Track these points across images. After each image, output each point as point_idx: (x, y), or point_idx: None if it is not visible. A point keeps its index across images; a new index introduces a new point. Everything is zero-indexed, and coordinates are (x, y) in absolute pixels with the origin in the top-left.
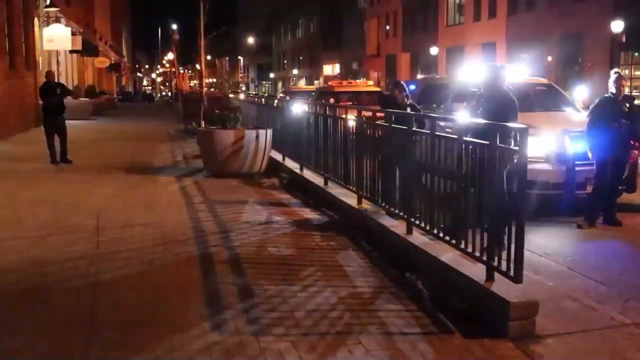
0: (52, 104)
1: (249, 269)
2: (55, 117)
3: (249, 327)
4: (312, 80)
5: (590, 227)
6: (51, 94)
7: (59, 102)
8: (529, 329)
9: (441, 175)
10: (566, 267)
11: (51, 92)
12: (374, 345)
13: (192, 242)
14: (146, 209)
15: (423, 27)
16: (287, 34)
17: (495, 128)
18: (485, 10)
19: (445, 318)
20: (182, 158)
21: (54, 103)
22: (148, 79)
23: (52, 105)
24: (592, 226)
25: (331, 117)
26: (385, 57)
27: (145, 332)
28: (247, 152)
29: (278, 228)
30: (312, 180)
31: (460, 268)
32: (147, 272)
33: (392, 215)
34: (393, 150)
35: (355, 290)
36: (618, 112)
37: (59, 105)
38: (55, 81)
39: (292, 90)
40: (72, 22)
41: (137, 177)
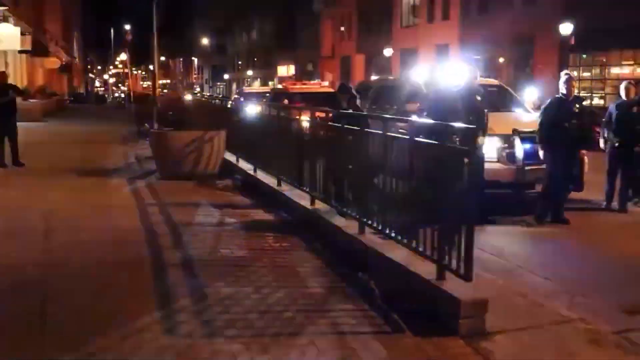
0: (3, 105)
1: (202, 271)
2: (5, 119)
3: (201, 330)
4: (266, 82)
5: (539, 225)
6: (2, 95)
7: (10, 103)
8: (479, 326)
9: (393, 175)
10: (515, 264)
11: (2, 94)
12: (326, 345)
13: (144, 245)
14: (98, 212)
15: (377, 28)
16: (242, 34)
17: (447, 128)
18: (438, 12)
19: (397, 317)
20: (134, 160)
21: (5, 104)
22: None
23: (3, 106)
24: (541, 224)
25: (285, 118)
26: (340, 58)
27: (97, 336)
28: (201, 153)
29: (231, 230)
30: (266, 181)
31: (412, 267)
32: (98, 276)
33: (345, 216)
34: (345, 151)
35: (308, 290)
36: (568, 113)
37: (10, 107)
38: (7, 82)
39: (246, 92)
40: (21, 22)
41: (89, 180)
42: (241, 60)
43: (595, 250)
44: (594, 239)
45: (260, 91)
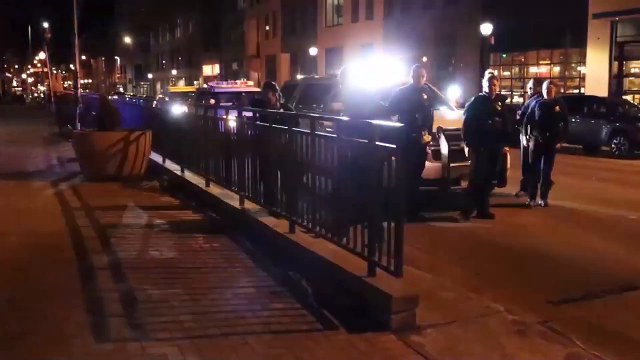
0: None
1: (131, 274)
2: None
3: (133, 333)
4: (191, 81)
5: (465, 220)
6: None
7: None
8: (410, 320)
9: (322, 174)
10: (443, 259)
11: None
12: (260, 345)
13: (69, 249)
14: (19, 216)
15: (302, 27)
16: (165, 33)
17: (373, 127)
18: (362, 11)
19: (330, 314)
20: (57, 162)
21: None
22: (18, 79)
23: None
24: (467, 220)
25: (211, 118)
26: (265, 57)
27: (22, 345)
28: (126, 154)
29: (160, 231)
30: (194, 182)
31: (343, 264)
32: (22, 282)
33: (275, 215)
34: (273, 150)
35: (239, 290)
36: (491, 110)
37: None
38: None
39: (171, 91)
40: None
41: (9, 183)
42: (165, 59)
43: (519, 244)
44: (519, 233)
45: (186, 91)
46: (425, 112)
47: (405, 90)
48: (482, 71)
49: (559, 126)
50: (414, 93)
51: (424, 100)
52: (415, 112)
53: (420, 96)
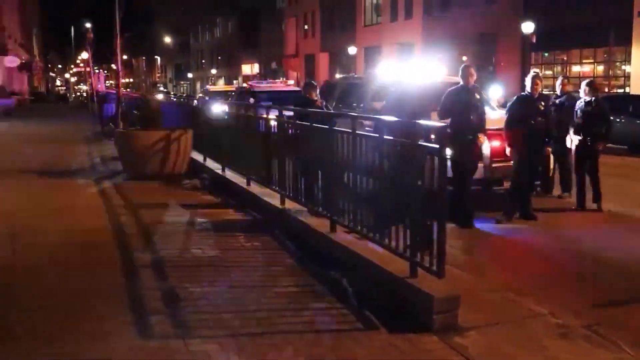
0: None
1: (173, 272)
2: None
3: (175, 331)
4: (231, 80)
5: (508, 221)
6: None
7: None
8: (452, 322)
9: (363, 173)
10: (486, 260)
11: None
12: (301, 344)
13: (113, 247)
14: (64, 213)
15: (341, 27)
16: (205, 33)
17: (416, 126)
18: (401, 10)
19: (371, 314)
20: (100, 160)
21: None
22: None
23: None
24: (510, 221)
25: (252, 117)
26: (304, 56)
27: (67, 340)
28: (168, 153)
29: (201, 230)
30: (235, 180)
31: (384, 265)
32: (67, 278)
33: (316, 214)
34: (315, 149)
35: (281, 290)
36: (534, 110)
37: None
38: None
39: (211, 90)
40: None
41: (54, 181)
42: (205, 58)
43: (563, 246)
44: (562, 235)
45: (226, 90)
46: (479, 112)
47: (456, 91)
48: (523, 70)
49: (600, 127)
50: (466, 94)
51: (476, 100)
52: (469, 114)
53: (472, 96)
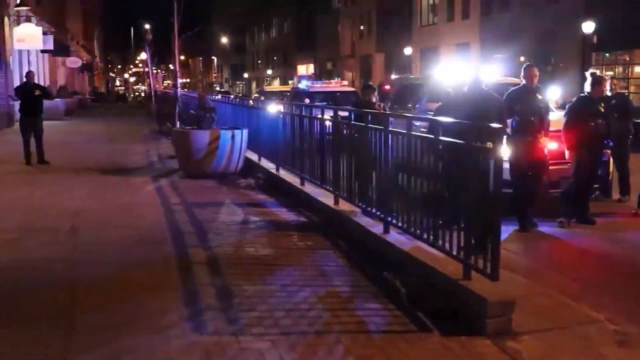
0: (29, 104)
1: (227, 270)
2: (31, 118)
3: (228, 327)
4: (286, 80)
5: (565, 225)
6: (28, 95)
7: (36, 103)
8: (505, 326)
9: (418, 174)
10: (540, 264)
11: (28, 93)
12: (353, 344)
13: (169, 243)
14: (122, 210)
15: (397, 27)
16: (261, 33)
17: (471, 128)
18: (458, 11)
19: (424, 316)
20: (157, 159)
21: (30, 104)
22: (120, 79)
23: (29, 105)
24: (567, 224)
25: (306, 117)
26: (360, 57)
27: (124, 333)
28: (223, 152)
29: (255, 228)
30: (289, 180)
31: (438, 266)
32: (124, 273)
33: (369, 215)
34: (369, 150)
35: (333, 289)
36: (594, 112)
37: (35, 106)
38: (34, 82)
39: (266, 90)
40: (43, 22)
41: (113, 178)
42: (260, 59)
43: (621, 251)
44: (621, 239)
45: (281, 90)
46: (541, 114)
47: (518, 91)
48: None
49: None
50: (528, 94)
51: (539, 101)
52: (530, 115)
53: (534, 98)
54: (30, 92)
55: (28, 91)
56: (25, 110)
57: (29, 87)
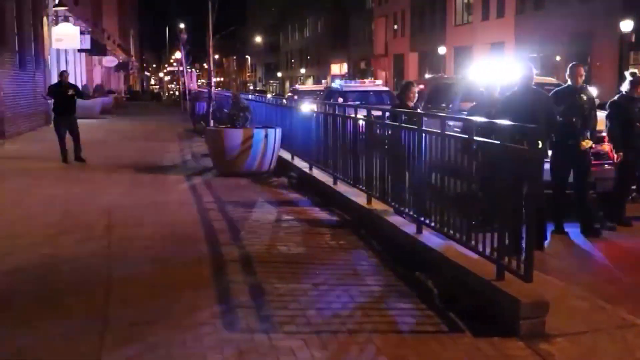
0: (62, 103)
1: (259, 268)
2: (65, 117)
3: (260, 325)
4: (319, 80)
5: (609, 227)
6: (62, 94)
7: (69, 102)
8: (539, 328)
9: (452, 175)
10: (575, 266)
11: (62, 92)
12: (385, 344)
13: (202, 241)
14: (156, 207)
15: (431, 26)
16: (294, 33)
17: (508, 128)
18: (493, 9)
19: (456, 317)
20: (191, 157)
21: (64, 103)
22: (155, 78)
23: (63, 105)
24: (610, 227)
25: (340, 116)
26: (393, 56)
27: (157, 329)
28: (256, 151)
29: (288, 227)
30: (322, 179)
31: (470, 267)
32: (158, 270)
33: (402, 215)
34: (402, 149)
35: (365, 288)
36: (635, 112)
37: (69, 105)
38: (68, 82)
39: (300, 89)
40: (80, 21)
41: (147, 176)
42: (294, 58)
43: None
44: None
45: (314, 89)
46: (585, 114)
47: (563, 91)
48: (620, 71)
49: None
50: (571, 94)
51: (584, 102)
52: (572, 116)
53: (578, 98)
54: (63, 92)
55: (62, 91)
56: (58, 110)
57: (62, 86)
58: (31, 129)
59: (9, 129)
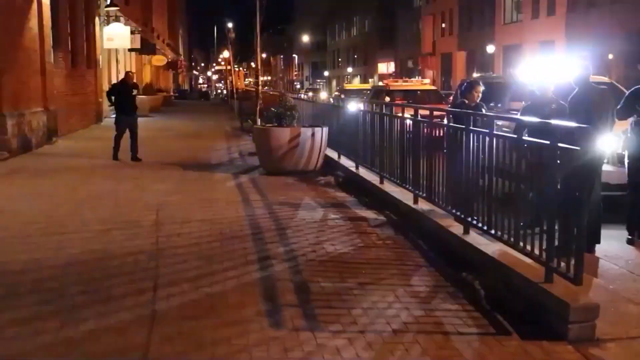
0: (127, 103)
1: (305, 266)
2: (128, 117)
3: (306, 323)
4: (366, 79)
5: None
6: (126, 93)
7: (133, 102)
8: (588, 332)
9: (500, 175)
10: (627, 270)
11: (127, 91)
12: (430, 345)
13: (249, 239)
14: (204, 205)
15: (479, 25)
16: (341, 32)
17: (559, 127)
18: (543, 7)
19: (503, 319)
20: (238, 155)
21: (129, 103)
22: (204, 76)
23: (127, 104)
24: None
25: (387, 115)
26: (441, 55)
27: (203, 326)
28: (303, 150)
29: (334, 226)
30: (368, 178)
31: (518, 268)
32: (204, 267)
33: (449, 215)
34: (450, 149)
35: (411, 289)
36: None
37: (133, 105)
38: (133, 81)
39: (346, 89)
40: (131, 21)
41: (195, 174)
42: (341, 57)
43: None
44: None
45: (361, 88)
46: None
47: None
48: None
49: None
50: None
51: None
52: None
53: None
54: (129, 92)
55: (127, 90)
56: (122, 109)
57: (127, 86)
58: (83, 127)
59: (61, 127)
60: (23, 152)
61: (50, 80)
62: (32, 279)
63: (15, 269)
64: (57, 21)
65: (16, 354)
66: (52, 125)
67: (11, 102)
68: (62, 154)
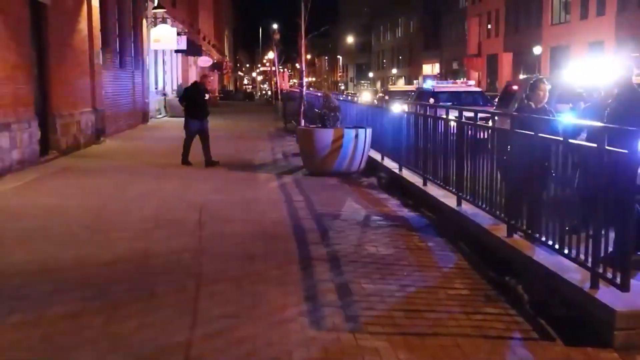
0: (200, 108)
1: (347, 267)
2: (201, 122)
3: (346, 324)
4: (411, 80)
5: None
6: (199, 98)
7: (206, 107)
8: (635, 339)
9: (546, 178)
10: None
11: (198, 96)
12: (472, 348)
13: (291, 239)
14: (247, 204)
15: (526, 26)
16: (386, 33)
17: (607, 130)
18: (593, 7)
19: (546, 324)
20: (281, 156)
21: (202, 108)
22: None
23: (200, 109)
24: None
25: (431, 117)
26: (487, 56)
27: (244, 324)
28: (346, 151)
29: (376, 227)
30: (411, 180)
31: (562, 273)
32: (246, 266)
33: (493, 218)
34: (495, 152)
35: (453, 291)
36: None
37: (205, 110)
38: (206, 86)
39: (390, 90)
40: (177, 23)
41: (239, 174)
42: (385, 58)
43: None
44: None
45: (405, 90)
46: None
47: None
48: None
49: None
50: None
51: None
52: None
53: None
54: (201, 96)
55: (199, 95)
56: (194, 114)
57: (200, 90)
58: (129, 127)
59: (109, 127)
60: (72, 151)
61: (99, 81)
62: (78, 275)
63: (62, 266)
64: (105, 23)
65: (63, 347)
66: (100, 125)
67: (60, 103)
68: (110, 153)
